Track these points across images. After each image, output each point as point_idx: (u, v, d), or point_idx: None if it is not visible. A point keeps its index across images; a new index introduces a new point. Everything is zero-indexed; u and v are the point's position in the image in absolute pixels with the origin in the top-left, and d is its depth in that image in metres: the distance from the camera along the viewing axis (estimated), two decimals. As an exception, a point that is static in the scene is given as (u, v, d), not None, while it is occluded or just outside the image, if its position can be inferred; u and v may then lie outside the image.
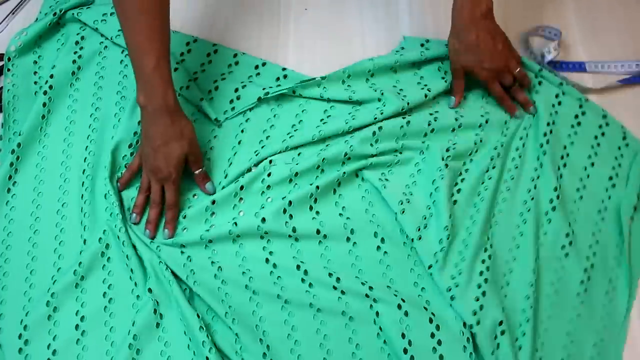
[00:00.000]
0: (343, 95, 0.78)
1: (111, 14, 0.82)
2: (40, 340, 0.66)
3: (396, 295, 0.67)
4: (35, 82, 0.79)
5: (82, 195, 0.72)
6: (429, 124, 0.77)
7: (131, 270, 0.69)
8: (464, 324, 0.66)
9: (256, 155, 0.74)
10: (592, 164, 0.77)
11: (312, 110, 0.79)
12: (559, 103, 0.80)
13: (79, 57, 0.80)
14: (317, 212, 0.73)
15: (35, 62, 0.80)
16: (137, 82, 0.67)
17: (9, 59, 0.79)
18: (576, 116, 0.80)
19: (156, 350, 0.66)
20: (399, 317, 0.66)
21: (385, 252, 0.71)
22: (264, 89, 0.78)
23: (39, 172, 0.74)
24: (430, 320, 0.66)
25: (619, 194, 0.76)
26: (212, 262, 0.70)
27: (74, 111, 0.78)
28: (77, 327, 0.66)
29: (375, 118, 0.75)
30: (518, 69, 0.76)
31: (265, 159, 0.74)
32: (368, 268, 0.70)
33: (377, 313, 0.67)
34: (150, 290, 0.67)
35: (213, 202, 0.72)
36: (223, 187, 0.73)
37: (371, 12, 0.86)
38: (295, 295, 0.68)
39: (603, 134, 0.79)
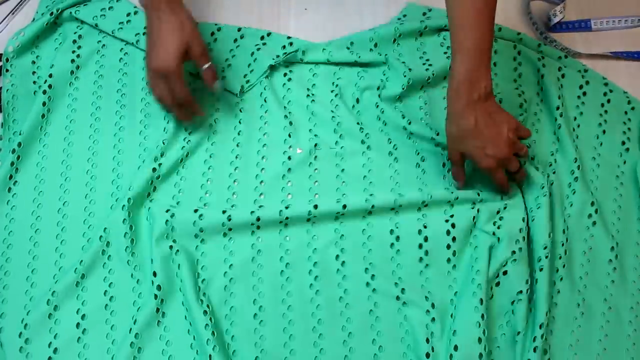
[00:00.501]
0: (349, 58, 0.79)
1: (109, 9, 0.82)
2: (41, 338, 0.65)
3: (427, 299, 0.67)
4: (34, 82, 0.79)
5: (87, 195, 0.73)
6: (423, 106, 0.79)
7: (134, 267, 0.68)
8: (484, 332, 0.65)
9: (285, 129, 0.76)
10: (604, 132, 0.79)
11: (322, 73, 0.80)
12: (563, 76, 0.81)
13: (78, 56, 0.80)
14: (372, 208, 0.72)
15: (34, 62, 0.80)
16: None
17: (7, 60, 0.79)
18: (580, 87, 0.81)
19: (157, 348, 0.66)
20: (425, 322, 0.66)
21: (427, 252, 0.70)
22: (273, 59, 0.79)
23: (39, 171, 0.74)
24: (451, 328, 0.67)
25: (633, 157, 0.78)
26: (225, 259, 0.70)
27: (74, 110, 0.77)
28: (78, 325, 0.66)
29: (382, 80, 0.78)
30: (524, 150, 0.69)
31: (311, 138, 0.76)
32: (406, 263, 0.70)
33: (405, 317, 0.67)
34: (159, 287, 0.67)
35: (261, 182, 0.73)
36: (262, 157, 0.75)
37: (370, 12, 0.86)
38: (326, 287, 0.68)
39: (609, 100, 0.81)
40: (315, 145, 0.75)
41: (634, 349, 0.69)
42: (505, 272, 0.69)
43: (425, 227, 0.71)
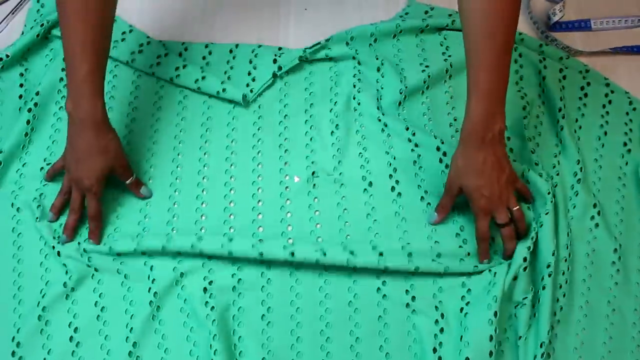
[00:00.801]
0: (347, 53, 0.80)
1: None
2: (34, 355, 0.65)
3: (437, 309, 0.67)
4: (21, 96, 0.78)
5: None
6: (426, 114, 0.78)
7: (125, 275, 0.68)
8: (496, 346, 0.64)
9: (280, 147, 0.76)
10: (605, 133, 0.78)
11: (319, 71, 0.80)
12: (564, 77, 0.80)
13: None
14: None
15: (22, 74, 0.79)
16: (67, 88, 0.66)
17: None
18: (582, 88, 0.80)
19: (156, 357, 0.65)
20: (434, 332, 0.65)
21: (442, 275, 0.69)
22: (275, 61, 0.79)
23: (16, 189, 0.73)
24: (461, 338, 0.65)
25: (635, 158, 0.77)
26: (233, 262, 0.69)
27: (57, 130, 0.76)
28: (71, 338, 0.66)
29: (377, 90, 0.78)
30: (516, 207, 0.68)
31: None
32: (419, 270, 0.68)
33: (414, 325, 0.66)
34: (155, 294, 0.66)
35: (259, 215, 0.72)
36: (258, 188, 0.73)
37: (370, 12, 0.84)
38: (336, 291, 0.68)
39: (610, 101, 0.80)
40: (313, 173, 0.74)
41: (639, 351, 0.68)
42: (515, 278, 0.67)
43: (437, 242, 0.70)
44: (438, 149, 0.74)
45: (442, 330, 0.66)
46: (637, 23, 0.85)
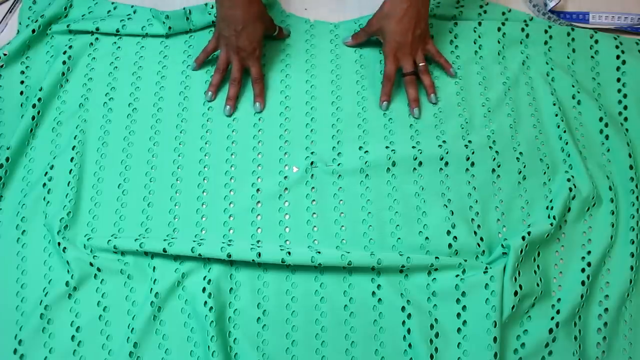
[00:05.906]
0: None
1: (108, 12, 0.83)
2: (36, 353, 0.65)
3: (430, 314, 0.67)
4: (22, 92, 0.79)
5: (65, 206, 0.71)
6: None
7: (128, 276, 0.68)
8: (495, 355, 0.64)
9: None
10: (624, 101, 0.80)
11: (321, 64, 0.81)
12: (573, 50, 0.82)
13: (68, 69, 0.79)
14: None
15: (23, 72, 0.80)
16: None
17: (-5, 71, 0.79)
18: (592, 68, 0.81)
19: (157, 357, 0.66)
20: (430, 336, 0.65)
21: (435, 279, 0.69)
22: None
23: (25, 186, 0.74)
24: (459, 345, 0.66)
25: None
26: (232, 262, 0.69)
27: (59, 123, 0.77)
28: (73, 337, 0.66)
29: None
30: (422, 64, 0.77)
31: None
32: (415, 274, 0.69)
33: (409, 330, 0.66)
34: (157, 294, 0.67)
35: (258, 203, 0.72)
36: (258, 177, 0.74)
37: (371, 12, 0.82)
38: (332, 295, 0.68)
39: (624, 61, 0.81)
40: (312, 163, 0.74)
41: (631, 349, 0.68)
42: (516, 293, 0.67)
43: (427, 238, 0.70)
44: (440, 146, 0.74)
45: (437, 335, 0.66)
46: (637, 22, 0.82)
